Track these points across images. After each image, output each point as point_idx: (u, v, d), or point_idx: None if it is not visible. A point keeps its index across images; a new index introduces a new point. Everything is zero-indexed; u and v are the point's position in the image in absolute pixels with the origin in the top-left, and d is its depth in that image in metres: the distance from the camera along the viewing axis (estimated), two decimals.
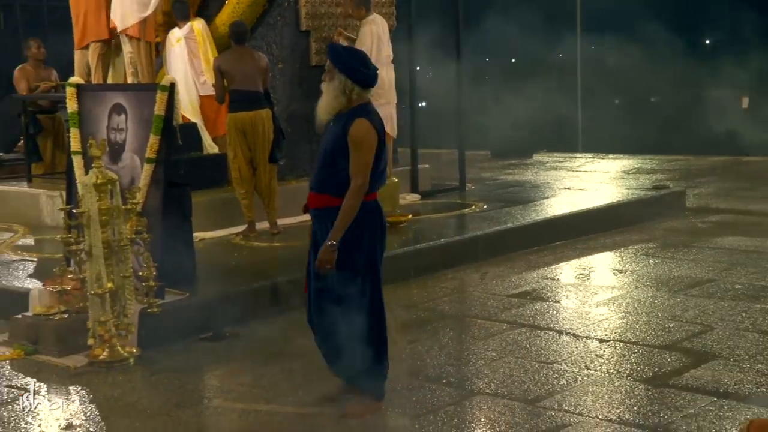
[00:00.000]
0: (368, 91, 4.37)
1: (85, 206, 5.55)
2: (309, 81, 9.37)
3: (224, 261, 7.30)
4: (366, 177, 4.28)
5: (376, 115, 4.37)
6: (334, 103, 4.33)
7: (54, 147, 10.19)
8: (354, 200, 4.27)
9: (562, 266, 7.82)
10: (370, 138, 4.28)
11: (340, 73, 4.30)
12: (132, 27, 8.35)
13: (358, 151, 4.26)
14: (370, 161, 4.29)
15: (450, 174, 10.89)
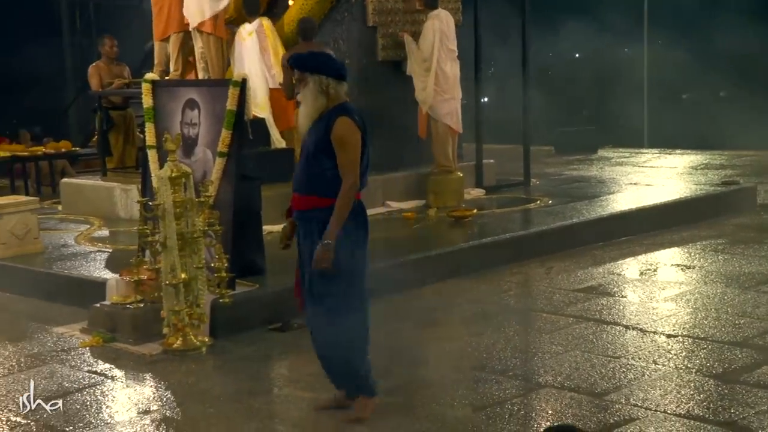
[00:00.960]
0: (343, 85, 4.33)
1: (161, 199, 5.71)
2: (375, 76, 9.48)
3: (291, 253, 7.37)
4: (356, 174, 4.23)
5: (357, 113, 4.32)
6: (315, 104, 4.30)
7: (124, 142, 10.46)
8: (348, 198, 4.23)
9: (629, 261, 7.77)
10: (354, 135, 4.23)
11: (312, 74, 4.29)
12: (206, 22, 8.52)
13: (344, 149, 4.22)
14: (358, 158, 4.24)
15: (514, 169, 10.88)
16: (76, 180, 10.17)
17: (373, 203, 9.20)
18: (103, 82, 10.38)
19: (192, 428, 4.50)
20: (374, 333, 5.91)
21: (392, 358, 5.49)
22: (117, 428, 4.56)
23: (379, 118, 9.54)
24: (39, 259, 7.50)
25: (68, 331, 6.21)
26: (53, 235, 8.46)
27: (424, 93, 9.16)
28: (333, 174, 4.25)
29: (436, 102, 9.15)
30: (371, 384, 4.57)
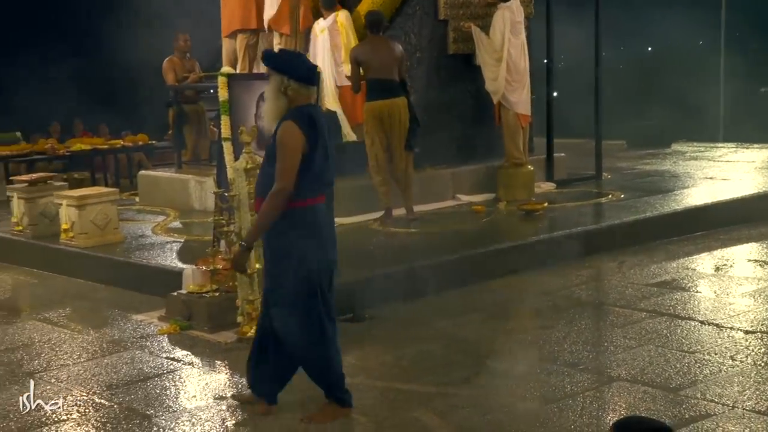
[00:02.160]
0: (307, 87, 4.25)
1: (236, 190, 5.81)
2: (446, 69, 9.49)
3: (363, 246, 7.49)
4: (287, 180, 4.12)
5: (309, 118, 4.20)
6: (275, 104, 4.25)
7: (197, 135, 10.66)
8: (270, 204, 4.14)
9: (704, 257, 7.65)
10: (292, 140, 4.12)
11: (275, 73, 4.24)
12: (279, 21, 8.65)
13: (281, 153, 4.14)
14: (293, 164, 4.12)
15: (586, 163, 10.77)
16: (152, 172, 10.40)
17: (443, 196, 9.25)
18: (177, 76, 10.59)
19: (265, 415, 4.58)
20: (446, 324, 5.98)
21: (462, 349, 5.52)
22: (194, 413, 4.68)
23: (449, 111, 9.59)
24: (119, 248, 7.71)
25: (147, 318, 6.38)
26: (131, 225, 8.68)
27: (496, 83, 9.14)
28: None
29: (507, 91, 9.13)
30: (342, 394, 4.52)
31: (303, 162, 4.17)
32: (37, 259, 8.09)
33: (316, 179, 4.20)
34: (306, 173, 4.18)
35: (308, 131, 4.16)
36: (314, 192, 4.22)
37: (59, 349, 5.84)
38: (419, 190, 8.68)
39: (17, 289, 7.71)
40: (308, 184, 4.20)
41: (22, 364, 5.53)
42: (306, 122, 4.17)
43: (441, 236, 7.75)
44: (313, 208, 4.23)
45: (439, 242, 7.54)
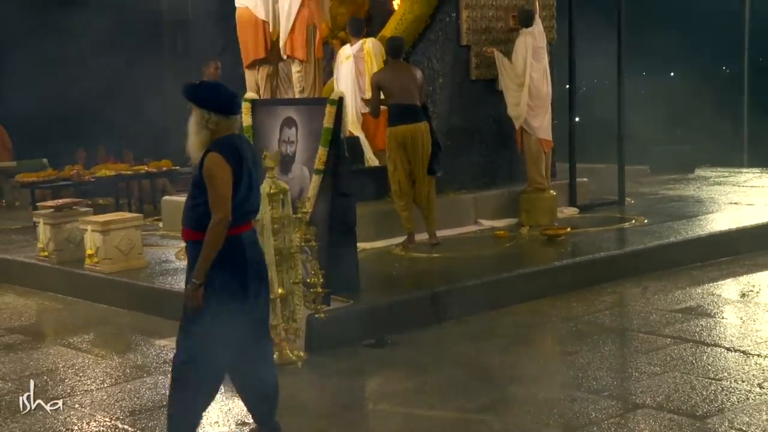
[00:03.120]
0: (229, 118, 4.26)
1: (259, 215, 5.83)
2: (469, 95, 9.51)
3: (385, 271, 7.49)
4: (224, 210, 4.14)
5: (233, 147, 4.20)
6: (197, 138, 4.25)
7: None
8: (212, 235, 4.14)
9: (729, 282, 7.58)
10: (220, 171, 4.15)
11: (196, 107, 4.26)
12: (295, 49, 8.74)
13: (211, 185, 4.15)
14: (225, 193, 4.14)
15: (609, 188, 10.74)
16: (176, 197, 10.46)
17: (466, 221, 9.24)
18: None
19: None
20: (469, 349, 5.95)
21: (485, 375, 5.49)
22: None
23: (472, 136, 9.61)
24: (142, 273, 7.75)
25: (170, 343, 6.39)
26: (155, 250, 8.73)
27: (518, 108, 9.15)
28: (203, 209, 4.19)
29: (529, 116, 9.14)
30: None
31: None
32: (62, 285, 8.15)
33: (239, 208, 4.23)
34: (236, 200, 4.22)
35: (233, 161, 4.19)
36: (237, 221, 4.22)
37: (83, 374, 5.87)
38: (441, 215, 8.68)
39: (42, 314, 7.77)
40: (238, 211, 4.23)
41: (46, 390, 5.55)
42: (230, 153, 4.20)
43: (463, 261, 7.74)
44: (237, 237, 4.24)
45: (462, 267, 7.53)
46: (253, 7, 9.04)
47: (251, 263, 4.29)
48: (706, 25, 18.45)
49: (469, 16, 9.35)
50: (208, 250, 4.16)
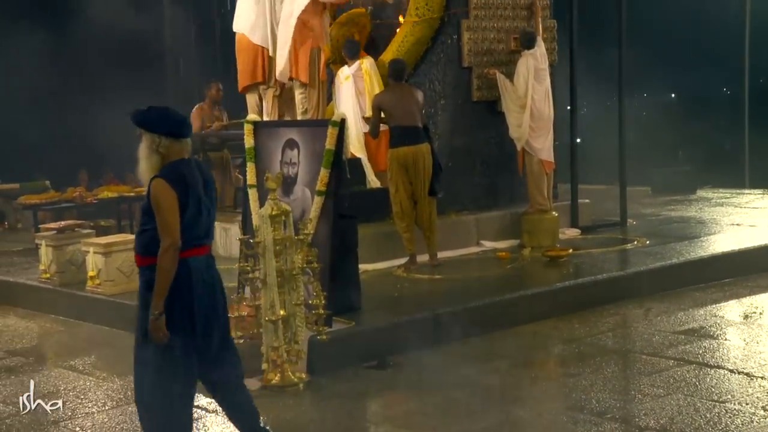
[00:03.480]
0: (179, 141, 4.25)
1: (261, 236, 5.84)
2: (470, 116, 9.54)
3: (387, 292, 7.48)
4: (172, 236, 4.12)
5: (183, 173, 4.19)
6: (149, 162, 4.25)
7: (222, 182, 10.76)
8: (163, 261, 4.13)
9: (732, 304, 7.56)
10: (165, 197, 4.14)
11: (145, 132, 4.26)
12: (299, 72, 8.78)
13: (158, 211, 4.16)
14: (171, 220, 4.13)
15: (610, 209, 10.74)
16: None
17: (468, 242, 9.23)
18: (203, 124, 10.74)
19: None
20: (471, 371, 5.93)
21: (487, 397, 5.47)
22: None
23: (473, 157, 9.63)
24: None
25: None
26: None
27: (520, 130, 9.17)
28: (151, 234, 4.19)
29: (531, 138, 9.16)
30: None
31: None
32: (64, 307, 8.14)
33: (186, 233, 4.19)
34: (187, 224, 4.20)
35: (178, 187, 4.18)
36: (184, 246, 4.19)
37: (84, 397, 5.85)
38: (443, 236, 8.68)
39: (44, 336, 7.76)
40: (189, 235, 4.20)
41: (47, 412, 5.52)
42: (175, 178, 4.18)
43: (465, 283, 7.73)
44: (185, 261, 4.20)
45: (464, 289, 7.52)
46: (249, 33, 9.11)
47: (197, 289, 4.22)
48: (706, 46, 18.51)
49: (470, 38, 9.39)
50: (161, 278, 4.14)
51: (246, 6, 9.21)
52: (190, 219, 4.20)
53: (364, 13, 9.84)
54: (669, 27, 19.20)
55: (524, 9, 9.78)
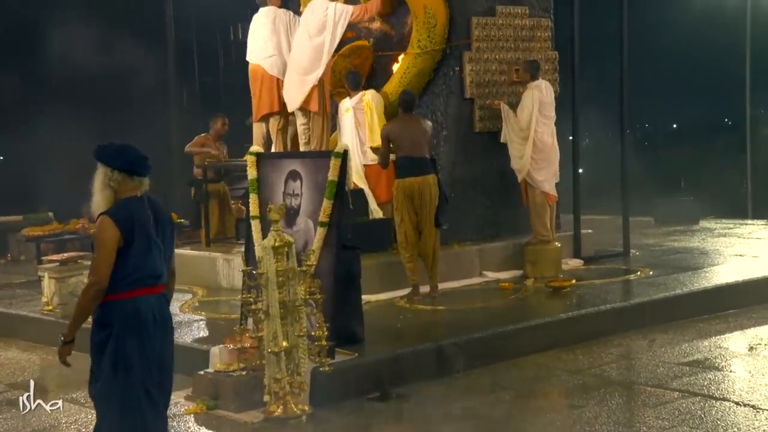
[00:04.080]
0: (134, 179, 4.23)
1: (264, 268, 5.84)
2: (473, 147, 9.57)
3: (390, 323, 7.46)
4: (99, 275, 4.11)
5: (131, 210, 4.18)
6: (101, 196, 4.23)
7: (220, 213, 10.82)
8: (82, 298, 4.16)
9: (736, 335, 7.53)
10: (104, 235, 4.12)
11: (100, 165, 4.25)
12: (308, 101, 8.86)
13: (95, 248, 4.17)
14: (105, 259, 4.10)
15: (613, 240, 10.73)
16: (180, 251, 10.42)
17: (470, 273, 9.22)
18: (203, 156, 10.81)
19: None
20: (474, 403, 5.89)
21: (491, 429, 5.43)
22: None
23: (475, 188, 9.64)
24: None
25: (173, 398, 6.31)
26: None
27: (521, 162, 9.19)
28: None
29: (533, 169, 9.17)
30: None
31: (119, 255, 4.15)
32: None
33: (133, 272, 4.18)
34: (122, 267, 4.16)
35: (123, 225, 4.15)
36: (133, 285, 4.18)
37: (86, 430, 5.81)
38: (446, 266, 8.67)
39: (45, 369, 7.72)
40: (125, 278, 4.17)
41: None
42: (122, 216, 4.17)
43: (468, 313, 7.71)
44: (133, 301, 4.19)
45: (467, 319, 7.50)
46: (269, 66, 9.14)
47: (148, 329, 4.20)
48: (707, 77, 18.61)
49: (472, 70, 9.44)
50: (77, 312, 4.18)
51: (260, 37, 9.25)
52: (138, 258, 4.18)
53: (366, 46, 9.91)
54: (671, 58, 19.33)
55: (526, 41, 9.84)
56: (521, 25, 9.82)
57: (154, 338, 4.23)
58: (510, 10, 9.74)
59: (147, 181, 4.31)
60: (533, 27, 9.93)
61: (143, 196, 4.28)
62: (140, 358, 4.19)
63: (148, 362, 4.21)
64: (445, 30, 9.37)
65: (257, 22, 9.39)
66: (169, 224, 4.35)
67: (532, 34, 9.93)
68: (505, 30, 9.70)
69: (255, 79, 9.38)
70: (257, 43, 9.33)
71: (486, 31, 9.54)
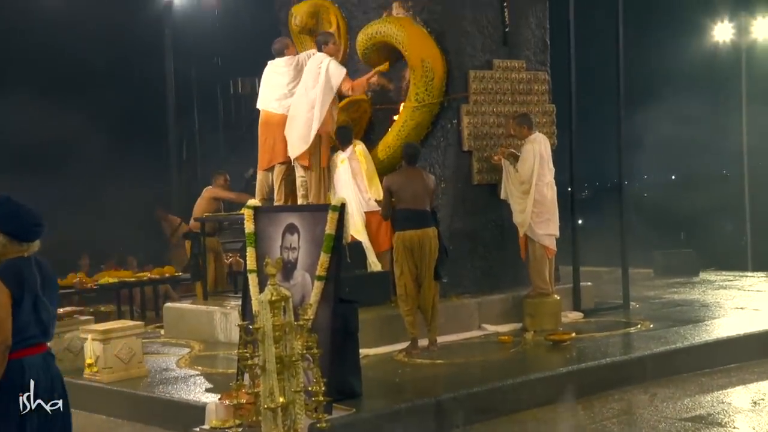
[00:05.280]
0: (20, 243, 4.21)
1: (261, 322, 5.78)
2: (471, 199, 9.58)
3: (388, 377, 7.39)
4: (2, 335, 4.05)
5: (19, 269, 4.16)
6: None
7: (216, 267, 10.87)
8: None
9: (739, 390, 7.44)
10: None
11: None
12: (301, 156, 8.91)
13: None
14: (3, 317, 4.06)
15: (613, 292, 10.68)
16: (178, 304, 10.42)
17: (469, 326, 9.16)
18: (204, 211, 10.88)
19: None
20: None
21: None
22: None
23: (474, 240, 9.62)
24: (142, 383, 7.63)
25: None
26: (156, 358, 8.63)
27: (523, 216, 9.18)
28: None
29: (534, 224, 9.16)
30: None
31: None
32: None
33: (20, 332, 4.13)
34: (19, 324, 4.12)
35: (12, 285, 4.12)
36: (18, 345, 4.13)
37: None
38: (445, 319, 8.62)
39: None
40: (21, 335, 4.13)
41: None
42: (10, 275, 4.14)
43: (467, 367, 7.64)
44: (20, 361, 4.14)
45: (466, 373, 7.43)
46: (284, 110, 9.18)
47: (33, 389, 4.13)
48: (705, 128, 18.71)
49: (470, 123, 9.49)
50: None
51: (277, 85, 9.30)
52: (25, 318, 4.14)
53: (365, 99, 9.98)
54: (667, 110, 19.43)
55: (523, 94, 9.91)
56: (518, 78, 9.90)
57: (42, 398, 4.17)
58: (507, 63, 9.83)
59: (37, 244, 4.29)
60: (530, 80, 10.01)
61: (30, 256, 4.26)
62: (17, 418, 4.10)
63: (26, 426, 4.12)
64: (443, 83, 9.44)
65: (274, 70, 9.43)
66: (55, 285, 4.33)
67: (530, 87, 10.00)
68: (503, 83, 9.77)
69: (267, 125, 9.40)
70: (273, 90, 9.36)
71: (483, 84, 9.61)
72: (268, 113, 9.42)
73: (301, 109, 9.01)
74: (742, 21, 19.23)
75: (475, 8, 9.66)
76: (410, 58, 9.40)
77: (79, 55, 15.24)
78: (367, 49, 9.71)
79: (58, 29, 15.34)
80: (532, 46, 10.14)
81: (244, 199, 9.86)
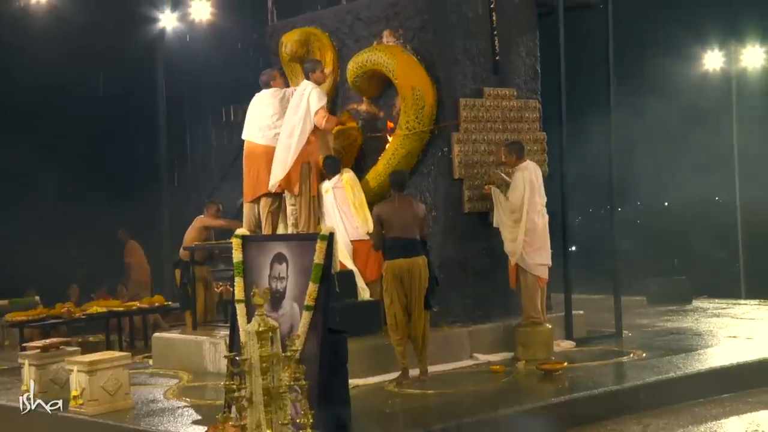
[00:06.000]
0: None
1: (248, 353, 5.70)
2: (462, 228, 9.52)
3: (378, 408, 7.30)
4: None
5: None
6: None
7: (206, 296, 10.83)
8: None
9: (733, 420, 7.37)
10: None
11: None
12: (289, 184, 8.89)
13: None
14: None
15: (605, 320, 10.61)
16: (167, 334, 10.34)
17: (460, 355, 9.08)
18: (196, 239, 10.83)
19: None
20: None
21: None
22: None
23: (465, 269, 9.56)
24: (128, 415, 7.52)
25: None
26: (143, 389, 8.52)
27: (514, 244, 9.12)
28: None
29: (525, 253, 9.10)
30: None
31: None
32: (45, 429, 7.87)
33: None
34: None
35: None
36: None
37: None
38: (436, 349, 8.54)
39: None
40: None
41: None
42: None
43: (459, 397, 7.56)
44: None
45: (457, 404, 7.34)
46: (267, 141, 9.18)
47: None
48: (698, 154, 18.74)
49: (461, 151, 9.46)
50: None
51: (262, 116, 9.29)
52: None
53: (355, 127, 9.96)
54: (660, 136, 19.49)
55: (514, 122, 9.90)
56: (509, 106, 9.89)
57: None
58: (498, 92, 9.82)
59: None
60: (521, 108, 10.00)
61: None
62: None
63: None
64: (434, 111, 9.42)
65: (260, 101, 9.43)
66: None
67: (520, 115, 9.99)
68: (493, 111, 9.76)
69: (251, 157, 9.37)
70: (257, 121, 9.34)
71: (474, 112, 9.60)
72: (251, 144, 9.40)
73: (282, 136, 9.02)
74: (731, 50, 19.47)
75: (466, 37, 9.66)
76: (401, 87, 9.39)
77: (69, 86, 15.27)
78: (357, 78, 9.70)
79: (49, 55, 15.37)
80: (522, 74, 10.14)
81: (236, 226, 9.79)
